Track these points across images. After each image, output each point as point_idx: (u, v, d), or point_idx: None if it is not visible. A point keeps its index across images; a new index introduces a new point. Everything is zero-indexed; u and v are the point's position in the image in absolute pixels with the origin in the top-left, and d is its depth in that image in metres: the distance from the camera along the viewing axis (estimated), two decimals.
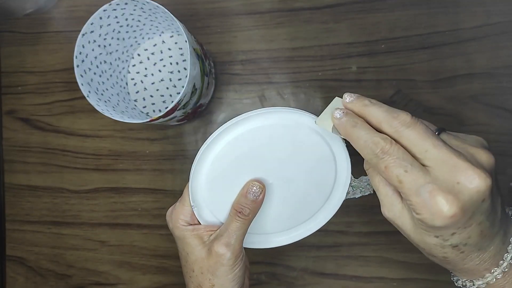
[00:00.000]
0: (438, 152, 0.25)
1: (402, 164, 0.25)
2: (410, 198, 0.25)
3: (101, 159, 0.53)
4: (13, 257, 0.55)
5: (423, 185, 0.25)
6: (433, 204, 0.24)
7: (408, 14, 0.47)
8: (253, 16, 0.50)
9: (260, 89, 0.49)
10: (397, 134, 0.26)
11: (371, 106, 0.28)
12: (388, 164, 0.26)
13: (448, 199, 0.24)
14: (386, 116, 0.27)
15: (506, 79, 0.45)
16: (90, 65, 0.45)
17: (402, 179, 0.25)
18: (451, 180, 0.24)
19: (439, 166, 0.25)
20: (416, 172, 0.25)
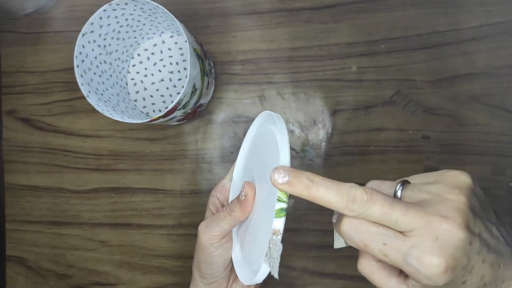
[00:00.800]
0: (407, 218, 0.24)
1: (379, 239, 0.25)
2: (403, 268, 0.25)
3: (101, 159, 0.53)
4: (13, 257, 0.55)
5: (407, 254, 0.24)
6: (425, 268, 0.24)
7: (408, 14, 0.47)
8: (253, 16, 0.50)
9: (260, 89, 0.49)
10: (362, 216, 0.25)
11: (316, 190, 0.25)
12: (365, 243, 0.25)
13: (433, 259, 0.24)
14: (340, 202, 0.25)
15: (506, 79, 0.45)
16: (90, 65, 0.45)
17: (385, 253, 0.25)
18: (430, 239, 0.24)
19: (414, 230, 0.24)
20: (395, 242, 0.25)
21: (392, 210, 0.24)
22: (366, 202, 0.25)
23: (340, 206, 0.25)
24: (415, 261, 0.24)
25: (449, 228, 0.24)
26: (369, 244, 0.25)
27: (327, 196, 0.25)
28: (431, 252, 0.24)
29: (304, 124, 0.49)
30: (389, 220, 0.25)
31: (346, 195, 0.25)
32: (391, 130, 0.47)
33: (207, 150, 0.51)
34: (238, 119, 0.50)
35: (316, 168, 0.48)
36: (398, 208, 0.24)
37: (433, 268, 0.24)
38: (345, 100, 0.48)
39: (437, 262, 0.24)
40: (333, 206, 0.25)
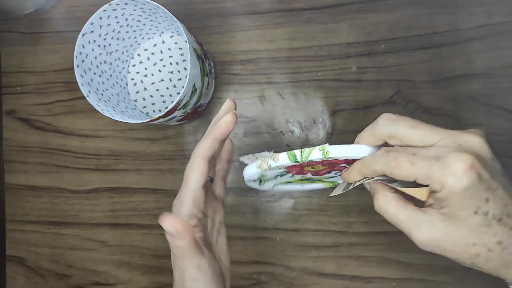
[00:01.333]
0: (434, 131, 0.27)
1: (408, 151, 0.27)
2: (428, 174, 0.26)
3: (101, 159, 0.53)
4: (13, 257, 0.55)
5: (433, 156, 0.26)
6: (450, 164, 0.25)
7: (408, 14, 0.47)
8: (252, 16, 0.50)
9: (260, 89, 0.49)
10: (394, 131, 0.28)
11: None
12: (396, 156, 0.27)
13: (460, 154, 0.25)
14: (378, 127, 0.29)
15: (506, 79, 0.45)
16: (90, 65, 0.45)
17: (413, 161, 0.26)
18: (455, 144, 0.26)
19: (440, 141, 0.26)
20: (423, 151, 0.26)
21: (420, 125, 0.27)
22: (397, 119, 0.28)
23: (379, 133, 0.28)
24: (440, 160, 0.25)
25: (473, 136, 0.26)
26: (399, 156, 0.27)
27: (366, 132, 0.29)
28: (457, 150, 0.25)
29: (304, 124, 0.49)
30: (417, 135, 0.27)
31: (372, 125, 0.29)
32: None
33: None
34: (238, 119, 0.50)
35: None
36: (424, 124, 0.27)
37: (459, 162, 0.25)
38: (345, 100, 0.48)
39: (463, 157, 0.25)
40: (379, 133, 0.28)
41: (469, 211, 0.26)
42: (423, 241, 0.27)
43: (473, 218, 0.26)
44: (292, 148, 0.49)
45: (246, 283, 0.49)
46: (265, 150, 0.32)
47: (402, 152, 0.27)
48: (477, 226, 0.26)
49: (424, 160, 0.26)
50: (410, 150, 0.27)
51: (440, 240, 0.27)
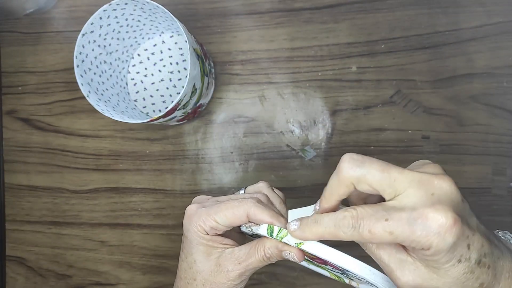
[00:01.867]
0: (404, 176, 0.25)
1: (379, 216, 0.25)
2: (411, 238, 0.24)
3: (101, 159, 0.53)
4: (13, 257, 0.55)
5: (410, 218, 0.24)
6: (432, 224, 0.24)
7: (408, 14, 0.47)
8: (253, 16, 0.50)
9: (260, 89, 0.49)
10: (363, 176, 0.26)
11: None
12: (369, 227, 0.25)
13: (437, 210, 0.24)
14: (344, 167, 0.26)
15: (506, 79, 0.45)
16: (90, 65, 0.45)
17: (391, 229, 0.24)
18: (427, 195, 0.24)
19: (410, 188, 0.25)
20: (395, 213, 0.24)
21: (390, 168, 0.25)
22: (363, 160, 0.26)
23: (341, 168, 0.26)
24: (419, 221, 0.24)
25: (442, 182, 0.25)
26: (373, 228, 0.25)
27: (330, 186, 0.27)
28: (433, 206, 0.24)
29: (304, 124, 0.49)
30: (388, 179, 0.25)
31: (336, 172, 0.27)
32: (391, 130, 0.47)
33: (207, 150, 0.51)
34: (238, 119, 0.50)
35: (316, 168, 0.48)
36: (393, 167, 0.25)
37: (441, 220, 0.23)
38: (345, 100, 0.48)
39: (443, 213, 0.23)
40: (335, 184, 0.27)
41: (453, 261, 0.25)
42: (404, 284, 0.26)
43: (457, 267, 0.25)
44: (293, 148, 0.49)
45: (246, 283, 0.49)
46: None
47: (373, 220, 0.25)
48: (462, 275, 0.25)
49: (402, 224, 0.24)
50: (380, 215, 0.25)
51: (422, 286, 0.26)
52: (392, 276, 0.27)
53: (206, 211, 0.32)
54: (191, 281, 0.33)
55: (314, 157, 0.48)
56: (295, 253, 0.30)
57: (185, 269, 0.34)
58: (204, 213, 0.32)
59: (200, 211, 0.32)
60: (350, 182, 0.26)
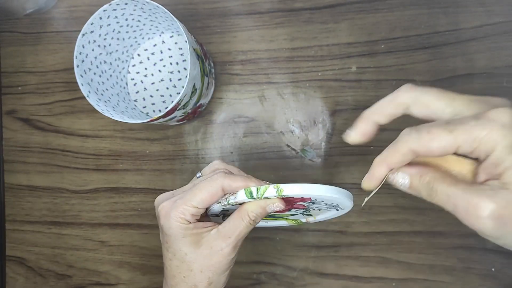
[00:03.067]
0: (463, 96, 0.24)
1: (439, 121, 0.24)
2: (473, 135, 0.22)
3: (101, 159, 0.53)
4: (13, 257, 0.55)
5: (471, 119, 0.22)
6: (495, 118, 0.22)
7: (408, 14, 0.47)
8: (253, 16, 0.50)
9: (260, 89, 0.49)
10: (420, 99, 0.25)
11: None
12: (428, 128, 0.23)
13: (500, 109, 0.22)
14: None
15: (506, 79, 0.45)
16: (90, 65, 0.45)
17: (451, 127, 0.23)
18: (486, 107, 0.23)
19: (470, 104, 0.24)
20: (457, 120, 0.23)
21: (446, 91, 0.25)
22: (420, 87, 0.25)
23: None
24: (482, 118, 0.22)
25: (499, 100, 0.24)
26: (432, 127, 0.23)
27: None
28: (493, 109, 0.22)
29: (304, 124, 0.49)
30: (446, 99, 0.24)
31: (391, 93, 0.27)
32: (391, 130, 0.47)
33: (207, 150, 0.51)
34: (238, 119, 0.50)
35: (316, 168, 0.48)
36: (449, 92, 0.25)
37: (504, 115, 0.22)
38: (345, 100, 0.48)
39: (504, 110, 0.22)
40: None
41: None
42: (487, 212, 0.22)
43: None
44: (293, 148, 0.49)
45: (246, 283, 0.49)
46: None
47: (433, 124, 0.23)
48: None
49: (463, 123, 0.22)
50: (441, 122, 0.23)
51: (506, 209, 0.22)
52: (470, 210, 0.22)
53: (181, 202, 0.32)
54: (187, 273, 0.33)
55: (314, 157, 0.48)
56: (278, 202, 0.32)
57: (176, 265, 0.34)
58: (181, 204, 0.32)
59: (176, 204, 0.32)
60: (403, 104, 0.26)
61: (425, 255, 0.46)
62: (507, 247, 0.24)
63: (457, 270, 0.45)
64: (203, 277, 0.33)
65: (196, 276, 0.33)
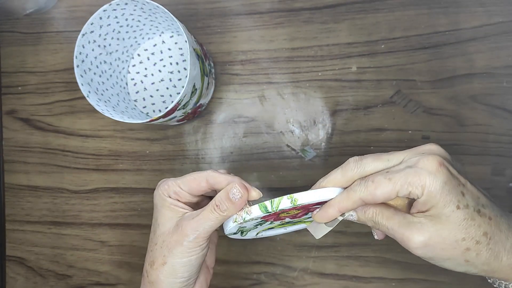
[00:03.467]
0: (396, 155, 0.30)
1: (381, 172, 0.30)
2: (407, 181, 0.28)
3: (101, 159, 0.53)
4: (13, 257, 0.55)
5: (405, 167, 0.29)
6: (424, 167, 0.28)
7: (408, 14, 0.47)
8: (253, 16, 0.50)
9: (260, 89, 0.49)
10: (361, 171, 0.31)
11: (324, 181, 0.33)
12: (372, 178, 0.29)
13: (428, 157, 0.28)
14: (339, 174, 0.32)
15: (506, 79, 0.45)
16: (90, 65, 0.45)
17: (390, 176, 0.29)
18: (418, 155, 0.29)
19: (403, 158, 0.30)
20: (394, 168, 0.30)
21: (381, 155, 0.31)
22: (361, 158, 0.31)
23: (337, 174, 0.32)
24: (414, 167, 0.28)
25: (429, 146, 0.30)
26: (375, 177, 0.29)
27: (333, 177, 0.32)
28: (424, 156, 0.28)
29: (304, 124, 0.49)
30: (382, 161, 0.30)
31: (341, 167, 0.32)
32: (391, 130, 0.47)
33: (207, 150, 0.51)
34: (238, 119, 0.50)
35: (316, 169, 0.48)
36: (385, 153, 0.31)
37: (430, 163, 0.28)
38: (345, 100, 0.48)
39: (431, 158, 0.28)
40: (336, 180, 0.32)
41: (451, 207, 0.28)
42: (416, 244, 0.28)
43: (457, 213, 0.28)
44: (293, 148, 0.49)
45: (246, 283, 0.49)
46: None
47: (376, 174, 0.29)
48: (462, 220, 0.28)
49: (399, 172, 0.28)
50: (383, 171, 0.30)
51: (431, 240, 0.28)
52: (404, 240, 0.29)
53: (172, 179, 0.35)
54: (153, 246, 0.34)
55: (314, 157, 0.48)
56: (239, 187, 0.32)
57: (151, 238, 0.35)
58: (171, 181, 0.35)
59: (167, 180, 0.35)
60: (353, 179, 0.31)
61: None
62: (439, 265, 0.30)
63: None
64: (159, 254, 0.33)
65: (157, 251, 0.33)
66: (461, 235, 0.28)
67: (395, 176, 0.28)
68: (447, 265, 0.30)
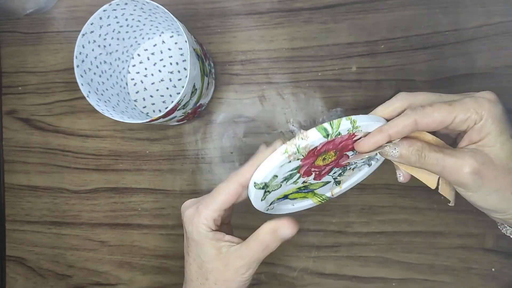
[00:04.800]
0: (450, 95, 0.30)
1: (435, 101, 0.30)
2: (467, 106, 0.28)
3: (101, 159, 0.53)
4: (13, 257, 0.55)
5: (465, 96, 0.29)
6: (484, 95, 0.28)
7: (408, 14, 0.47)
8: (253, 16, 0.50)
9: (260, 89, 0.49)
10: (414, 101, 0.31)
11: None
12: (431, 103, 0.29)
13: (485, 92, 0.29)
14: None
15: (506, 79, 0.45)
16: (90, 65, 0.45)
17: (450, 102, 0.28)
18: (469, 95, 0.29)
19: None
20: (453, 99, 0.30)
21: (436, 93, 0.31)
22: (414, 92, 0.31)
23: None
24: (474, 96, 0.29)
25: (486, 92, 0.30)
26: (434, 103, 0.29)
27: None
28: (481, 92, 0.29)
29: (304, 124, 0.49)
30: (434, 95, 0.30)
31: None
32: None
33: (207, 150, 0.51)
34: (238, 119, 0.50)
35: None
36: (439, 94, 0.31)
37: (490, 94, 0.28)
38: (345, 100, 0.48)
39: (489, 93, 0.29)
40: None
41: (506, 136, 0.28)
42: (469, 168, 0.27)
43: (511, 142, 0.28)
44: None
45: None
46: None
47: (433, 100, 0.30)
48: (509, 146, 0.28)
49: (459, 99, 0.28)
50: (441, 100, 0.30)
51: (484, 165, 0.27)
52: (456, 167, 0.28)
53: (203, 206, 0.32)
54: (203, 281, 0.33)
55: None
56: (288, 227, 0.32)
57: (195, 270, 0.34)
58: (203, 209, 0.32)
59: (199, 209, 0.33)
60: (401, 108, 0.30)
61: (425, 255, 0.46)
62: (482, 200, 0.29)
63: (457, 270, 0.45)
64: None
65: (211, 286, 0.33)
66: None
67: (456, 102, 0.28)
68: (493, 198, 0.29)
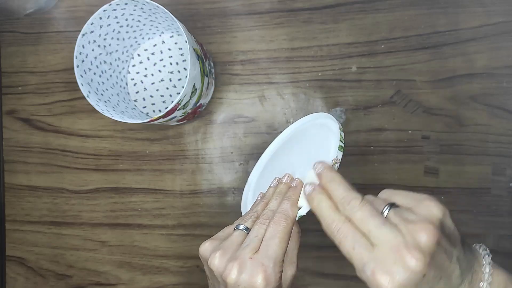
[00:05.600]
0: (379, 233, 0.27)
1: (351, 242, 0.28)
2: (358, 273, 0.28)
3: (101, 159, 0.53)
4: (13, 257, 0.55)
5: (366, 263, 0.27)
6: (375, 282, 0.26)
7: (408, 14, 0.47)
8: (253, 16, 0.50)
9: (260, 89, 0.49)
10: (349, 216, 0.29)
11: (333, 184, 0.31)
12: (340, 240, 0.29)
13: (386, 279, 0.26)
14: (341, 199, 0.30)
15: (506, 79, 0.45)
16: (90, 65, 0.45)
17: (351, 255, 0.28)
18: (390, 260, 0.26)
19: (381, 245, 0.27)
20: (362, 250, 0.27)
21: (371, 221, 0.28)
22: (357, 207, 0.29)
23: (338, 201, 0.30)
24: (369, 273, 0.27)
25: (410, 258, 0.26)
26: (343, 242, 0.28)
27: (337, 189, 0.31)
28: (386, 273, 0.26)
29: None
30: (365, 228, 0.28)
31: (349, 194, 0.30)
32: (391, 130, 0.47)
33: (207, 150, 0.51)
34: (238, 119, 0.50)
35: None
36: (376, 221, 0.28)
37: (381, 285, 0.26)
38: (345, 100, 0.48)
39: (386, 282, 0.26)
40: (335, 197, 0.30)
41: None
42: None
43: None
44: None
45: None
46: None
47: (345, 241, 0.28)
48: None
49: (358, 262, 0.28)
50: (351, 242, 0.28)
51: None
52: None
53: (268, 264, 0.31)
54: None
55: None
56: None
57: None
58: (273, 274, 0.31)
59: (268, 271, 0.31)
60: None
61: None
62: None
63: None
64: None
65: None
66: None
67: (354, 260, 0.28)
68: None
